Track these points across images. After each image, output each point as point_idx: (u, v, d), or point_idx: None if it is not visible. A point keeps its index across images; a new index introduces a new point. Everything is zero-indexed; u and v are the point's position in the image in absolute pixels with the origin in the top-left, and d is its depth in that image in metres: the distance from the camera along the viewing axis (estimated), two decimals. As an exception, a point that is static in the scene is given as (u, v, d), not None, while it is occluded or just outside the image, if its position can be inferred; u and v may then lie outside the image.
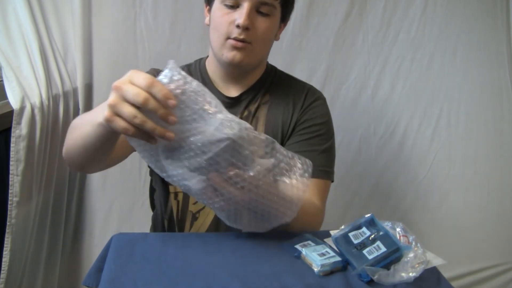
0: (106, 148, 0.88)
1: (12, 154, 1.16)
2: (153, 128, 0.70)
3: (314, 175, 1.03)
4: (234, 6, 1.00)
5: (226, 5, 1.01)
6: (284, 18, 1.10)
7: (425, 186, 1.65)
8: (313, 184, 1.05)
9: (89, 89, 1.45)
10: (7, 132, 1.21)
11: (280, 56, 1.52)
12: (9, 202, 1.17)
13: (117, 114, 0.70)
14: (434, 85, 1.59)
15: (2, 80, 1.23)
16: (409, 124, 1.61)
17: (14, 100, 1.17)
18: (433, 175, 1.64)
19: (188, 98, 0.71)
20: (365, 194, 1.65)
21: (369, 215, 0.83)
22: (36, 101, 1.21)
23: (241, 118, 1.09)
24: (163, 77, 0.71)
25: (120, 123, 0.70)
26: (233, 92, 1.11)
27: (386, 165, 1.64)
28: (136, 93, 0.69)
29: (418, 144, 1.62)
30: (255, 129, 1.08)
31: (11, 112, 1.18)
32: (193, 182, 0.76)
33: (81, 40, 1.41)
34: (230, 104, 1.11)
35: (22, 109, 1.17)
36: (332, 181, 1.11)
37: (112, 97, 0.70)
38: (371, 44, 1.55)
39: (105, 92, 1.46)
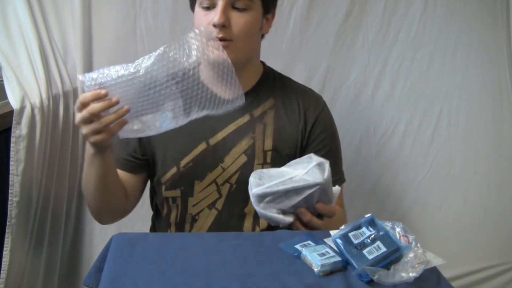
0: (109, 178, 1.03)
1: (12, 154, 1.16)
2: (113, 118, 0.88)
3: (337, 184, 1.12)
4: (211, 7, 1.01)
5: (203, 7, 1.02)
6: (268, 10, 1.08)
7: (425, 186, 1.65)
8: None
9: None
10: (7, 132, 1.21)
11: (280, 56, 1.52)
12: (9, 202, 1.17)
13: (92, 133, 0.89)
14: (434, 85, 1.59)
15: (2, 80, 1.22)
16: (409, 124, 1.61)
17: (14, 100, 1.17)
18: (433, 175, 1.64)
19: (112, 79, 0.87)
20: (365, 194, 1.65)
21: (369, 215, 0.83)
22: (36, 101, 1.21)
23: (240, 123, 1.10)
24: (85, 87, 0.88)
25: (100, 137, 0.89)
26: (228, 95, 1.10)
27: (386, 165, 1.64)
28: (84, 115, 0.87)
29: (418, 144, 1.62)
30: (264, 134, 1.09)
31: (11, 112, 1.17)
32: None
33: (81, 40, 1.41)
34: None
35: (22, 109, 1.17)
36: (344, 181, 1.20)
37: (82, 132, 0.90)
38: (371, 44, 1.55)
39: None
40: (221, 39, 0.99)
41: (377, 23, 1.54)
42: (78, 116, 0.88)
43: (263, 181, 0.88)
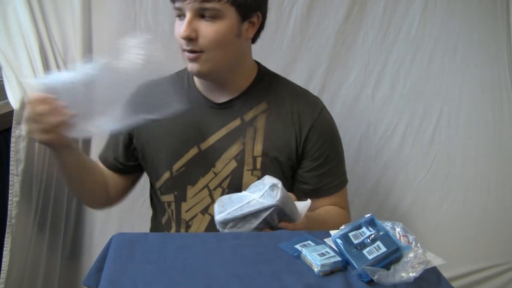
0: (76, 176, 1.07)
1: (12, 154, 1.16)
2: (56, 121, 0.90)
3: (339, 188, 1.15)
4: (182, 17, 0.98)
5: (178, 17, 1.00)
6: (246, 16, 1.02)
7: (425, 186, 1.64)
8: (340, 194, 1.15)
9: (89, 89, 1.45)
10: (7, 132, 1.21)
11: (280, 56, 1.51)
12: (9, 202, 1.17)
13: (38, 132, 0.91)
14: (434, 85, 1.59)
15: (2, 80, 1.23)
16: (409, 124, 1.61)
17: (14, 100, 1.17)
18: (433, 175, 1.64)
19: (60, 83, 0.92)
20: (365, 194, 1.64)
21: (369, 215, 0.83)
22: (36, 101, 1.21)
23: (232, 127, 1.08)
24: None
25: (46, 137, 0.92)
26: (221, 98, 1.08)
27: (386, 165, 1.63)
28: (29, 114, 0.90)
29: (418, 144, 1.62)
30: (254, 139, 1.07)
31: (11, 112, 1.18)
32: None
33: (81, 40, 1.40)
34: (218, 110, 1.08)
35: (22, 109, 1.17)
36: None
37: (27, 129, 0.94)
38: (371, 44, 1.55)
39: (105, 92, 1.46)
40: (190, 51, 0.98)
41: (377, 23, 1.54)
42: (25, 114, 0.92)
43: (224, 208, 0.91)
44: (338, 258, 0.79)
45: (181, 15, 0.99)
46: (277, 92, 1.11)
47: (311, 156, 1.10)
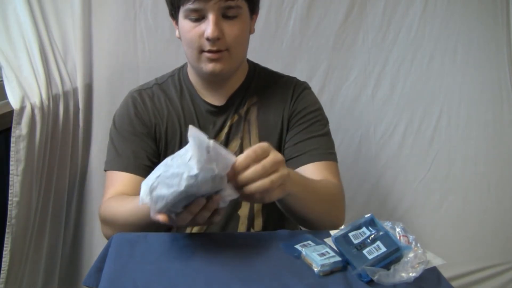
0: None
1: (12, 154, 1.16)
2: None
3: (325, 158, 1.07)
4: (199, 19, 0.98)
5: (191, 19, 0.98)
6: (253, 11, 1.05)
7: (425, 186, 1.65)
8: (328, 166, 1.07)
9: (89, 89, 1.45)
10: (7, 132, 1.21)
11: (280, 56, 1.52)
12: (9, 202, 1.17)
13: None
14: (434, 85, 1.59)
15: (2, 80, 1.23)
16: (409, 124, 1.61)
17: (14, 100, 1.17)
18: (433, 175, 1.64)
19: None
20: (365, 194, 1.65)
21: (369, 215, 0.83)
22: (36, 101, 1.21)
23: (231, 123, 1.09)
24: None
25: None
26: (218, 99, 1.09)
27: (386, 165, 1.64)
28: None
29: (418, 144, 1.62)
30: (249, 132, 1.09)
31: (11, 112, 1.18)
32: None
33: (81, 40, 1.41)
34: (217, 112, 1.10)
35: (22, 109, 1.17)
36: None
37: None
38: (371, 44, 1.55)
39: (105, 92, 1.47)
40: (216, 51, 0.98)
41: (377, 23, 1.54)
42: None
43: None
44: (338, 258, 0.79)
45: (198, 17, 0.98)
46: (265, 84, 1.14)
47: (294, 125, 1.09)
